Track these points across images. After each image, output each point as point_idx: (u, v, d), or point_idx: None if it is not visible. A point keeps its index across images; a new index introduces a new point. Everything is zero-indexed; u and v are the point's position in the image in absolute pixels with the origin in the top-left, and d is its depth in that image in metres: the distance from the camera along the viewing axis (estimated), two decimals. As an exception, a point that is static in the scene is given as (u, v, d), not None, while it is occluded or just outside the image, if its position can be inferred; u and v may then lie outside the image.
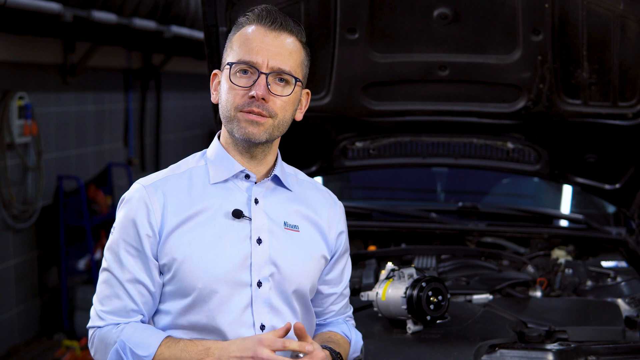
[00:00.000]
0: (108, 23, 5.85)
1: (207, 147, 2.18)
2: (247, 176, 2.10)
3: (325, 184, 4.18)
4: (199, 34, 7.12)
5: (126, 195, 2.09)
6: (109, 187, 7.27)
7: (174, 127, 9.25)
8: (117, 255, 2.04)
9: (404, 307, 2.64)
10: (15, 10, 4.92)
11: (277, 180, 2.14)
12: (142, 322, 2.05)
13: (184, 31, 7.20)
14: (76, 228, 6.51)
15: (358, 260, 3.42)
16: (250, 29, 2.05)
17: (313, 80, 3.30)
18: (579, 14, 3.08)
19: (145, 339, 1.98)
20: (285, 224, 2.12)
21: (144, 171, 8.29)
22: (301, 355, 1.97)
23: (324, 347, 2.08)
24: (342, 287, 2.28)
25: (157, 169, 8.51)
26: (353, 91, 3.41)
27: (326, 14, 3.17)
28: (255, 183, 2.11)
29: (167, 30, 6.89)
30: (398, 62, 3.32)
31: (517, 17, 3.11)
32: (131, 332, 2.00)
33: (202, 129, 9.91)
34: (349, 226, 2.31)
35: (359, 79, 3.38)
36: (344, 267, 2.28)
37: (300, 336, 1.98)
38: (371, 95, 3.46)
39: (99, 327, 2.04)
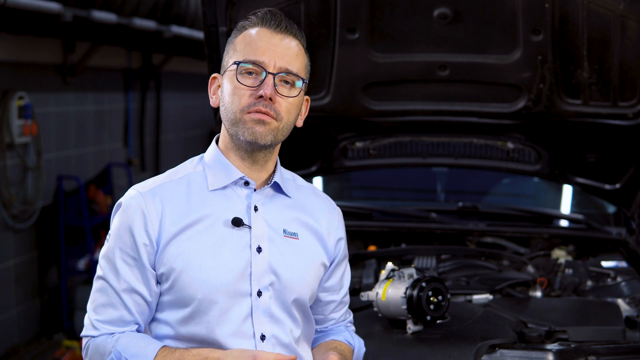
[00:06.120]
0: (108, 23, 5.84)
1: (207, 147, 2.13)
2: (247, 183, 2.06)
3: (325, 184, 4.19)
4: (199, 34, 7.12)
5: (122, 201, 2.04)
6: (108, 187, 7.27)
7: (174, 127, 9.24)
8: (113, 263, 1.99)
9: (404, 307, 2.64)
10: (15, 10, 4.92)
11: (276, 187, 2.11)
12: (138, 331, 2.02)
13: (184, 31, 7.20)
14: (76, 228, 6.50)
15: (358, 260, 3.41)
16: (254, 30, 2.02)
17: (313, 80, 3.32)
18: (579, 13, 3.08)
19: (142, 349, 1.94)
20: (284, 231, 2.08)
21: (144, 171, 8.29)
22: None
23: None
24: (342, 294, 2.26)
25: (157, 169, 8.51)
26: (353, 91, 3.41)
27: (326, 14, 3.16)
28: (255, 190, 2.07)
29: (167, 30, 6.89)
30: (398, 62, 3.31)
31: (517, 17, 3.11)
32: (127, 341, 1.96)
33: (202, 129, 9.91)
34: (349, 226, 2.30)
35: (359, 79, 3.37)
36: (343, 274, 2.25)
37: None
38: (371, 95, 3.45)
39: (93, 336, 2.00)
